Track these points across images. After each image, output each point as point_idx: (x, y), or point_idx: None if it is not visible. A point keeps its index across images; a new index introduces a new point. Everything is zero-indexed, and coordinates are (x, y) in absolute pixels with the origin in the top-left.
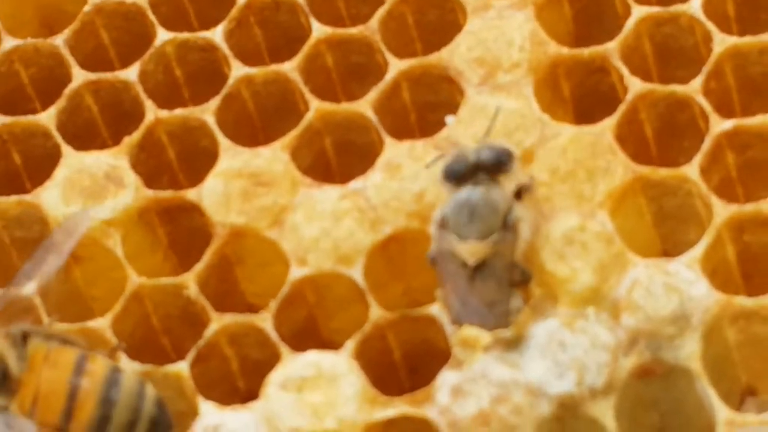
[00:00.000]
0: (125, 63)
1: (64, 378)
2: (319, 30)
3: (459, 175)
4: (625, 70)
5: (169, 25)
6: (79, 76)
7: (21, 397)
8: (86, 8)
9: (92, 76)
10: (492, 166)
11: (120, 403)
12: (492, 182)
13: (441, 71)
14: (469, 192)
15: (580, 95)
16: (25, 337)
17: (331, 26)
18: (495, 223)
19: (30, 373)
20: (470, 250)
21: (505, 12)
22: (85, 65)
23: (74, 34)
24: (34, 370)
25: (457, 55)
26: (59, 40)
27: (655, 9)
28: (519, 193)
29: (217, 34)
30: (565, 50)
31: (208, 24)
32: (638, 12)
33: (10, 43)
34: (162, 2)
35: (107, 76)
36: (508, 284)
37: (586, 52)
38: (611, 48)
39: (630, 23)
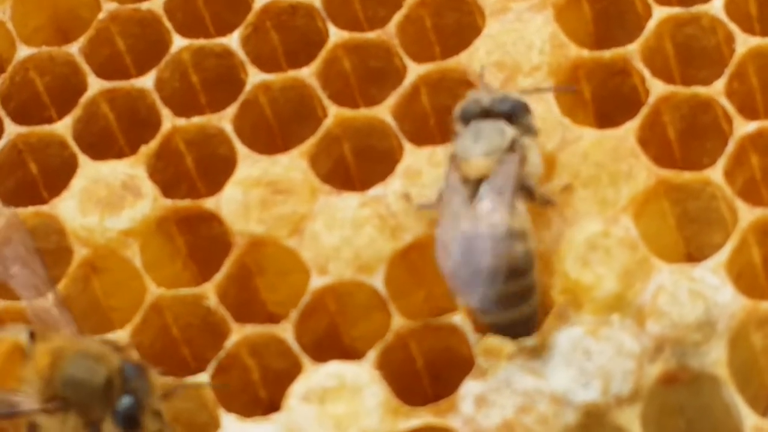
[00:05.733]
0: (141, 69)
1: None
2: (336, 35)
3: (471, 115)
4: (646, 72)
5: (185, 31)
6: (95, 85)
7: None
8: (101, 15)
9: (108, 84)
10: (504, 114)
11: None
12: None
13: (460, 75)
14: (477, 123)
15: (602, 97)
16: None
17: (348, 30)
18: (500, 143)
19: None
20: (473, 165)
21: (524, 15)
22: (101, 72)
23: (89, 42)
24: None
25: (476, 59)
26: (74, 48)
27: (676, 10)
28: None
29: (233, 40)
30: (586, 53)
31: (225, 29)
32: (659, 13)
33: (24, 51)
34: (177, 8)
35: (123, 84)
36: (511, 204)
37: (607, 54)
38: (632, 50)
39: (651, 24)
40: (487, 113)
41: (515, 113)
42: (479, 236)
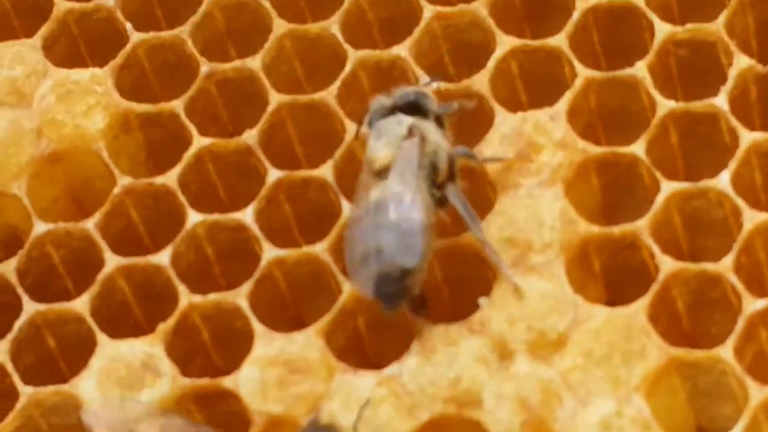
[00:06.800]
0: (155, 240)
1: None
2: (349, 209)
3: (376, 118)
4: (656, 249)
5: (198, 203)
6: (112, 261)
7: None
8: (116, 190)
9: (124, 260)
10: (402, 107)
11: None
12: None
13: (473, 249)
14: (379, 122)
15: (611, 269)
16: None
17: None
18: (398, 132)
19: None
20: (377, 158)
21: (534, 190)
22: (115, 243)
23: (105, 216)
24: None
25: (488, 235)
26: (90, 224)
27: (684, 185)
28: (439, 120)
29: (247, 215)
30: (596, 229)
31: (238, 200)
32: (667, 187)
33: (41, 227)
34: (191, 181)
35: (139, 260)
36: (418, 178)
37: (616, 230)
38: (641, 225)
39: (660, 199)
40: (389, 111)
41: (413, 103)
42: (384, 209)
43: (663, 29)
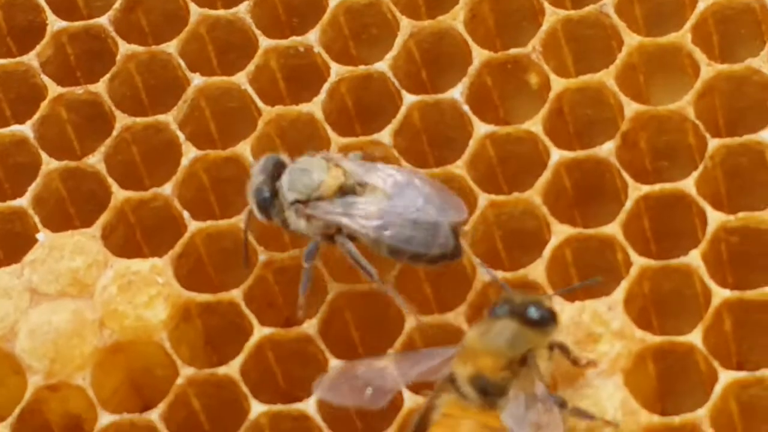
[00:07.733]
0: (217, 428)
1: None
2: None
3: (267, 198)
4: None
5: (258, 389)
6: None
7: None
8: (179, 381)
9: None
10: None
11: None
12: None
13: None
14: (286, 173)
15: None
16: None
17: None
18: (323, 162)
19: None
20: (333, 177)
21: (594, 381)
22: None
23: (168, 407)
24: None
25: None
26: (154, 415)
27: (741, 374)
28: None
29: (310, 405)
30: (656, 418)
31: (295, 383)
32: (725, 377)
33: (107, 418)
34: (252, 369)
35: None
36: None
37: (677, 420)
38: (701, 416)
39: (718, 389)
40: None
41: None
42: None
43: (715, 218)
